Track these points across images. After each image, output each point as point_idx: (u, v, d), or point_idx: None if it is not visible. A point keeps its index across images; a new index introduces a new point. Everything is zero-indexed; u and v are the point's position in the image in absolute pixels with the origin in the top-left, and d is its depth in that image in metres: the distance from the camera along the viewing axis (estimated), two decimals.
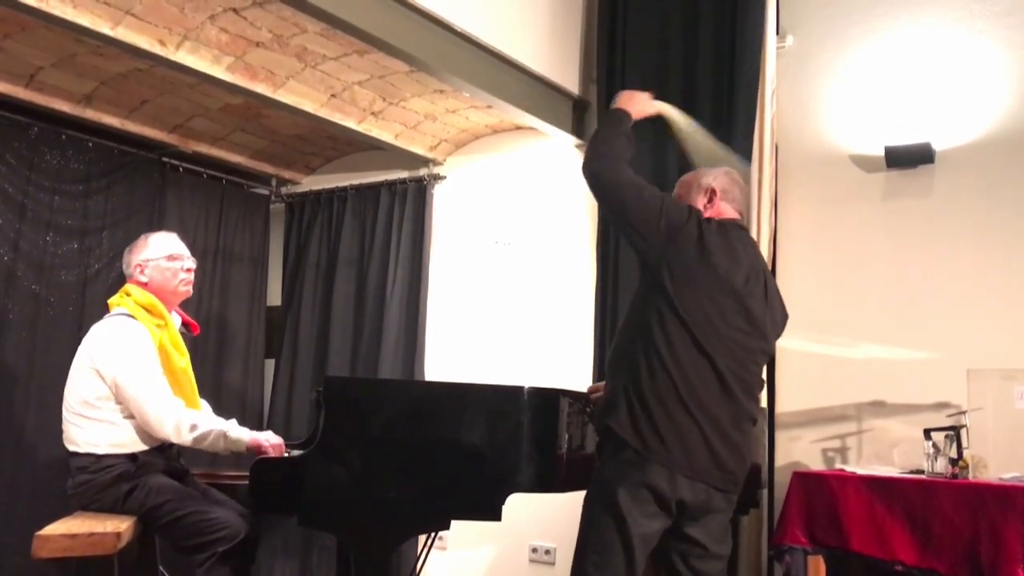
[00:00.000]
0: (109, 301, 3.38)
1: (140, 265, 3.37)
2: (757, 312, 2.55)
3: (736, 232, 2.60)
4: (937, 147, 3.83)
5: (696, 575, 2.55)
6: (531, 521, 4.34)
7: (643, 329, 2.51)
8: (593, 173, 2.60)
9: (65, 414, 3.19)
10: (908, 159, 3.85)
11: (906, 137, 3.85)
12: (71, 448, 3.14)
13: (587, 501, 2.57)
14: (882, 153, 3.89)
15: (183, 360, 3.34)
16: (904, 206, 3.91)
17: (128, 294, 3.32)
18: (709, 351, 2.45)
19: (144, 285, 3.34)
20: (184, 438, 3.10)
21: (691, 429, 2.43)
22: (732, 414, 2.49)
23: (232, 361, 5.54)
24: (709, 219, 2.56)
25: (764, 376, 2.73)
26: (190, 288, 3.47)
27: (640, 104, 2.79)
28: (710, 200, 2.67)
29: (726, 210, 2.67)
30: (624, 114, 2.73)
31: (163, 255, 3.39)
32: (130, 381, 3.09)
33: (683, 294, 2.46)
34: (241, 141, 5.29)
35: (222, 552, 3.04)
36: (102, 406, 3.11)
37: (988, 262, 3.70)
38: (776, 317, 2.68)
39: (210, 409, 3.50)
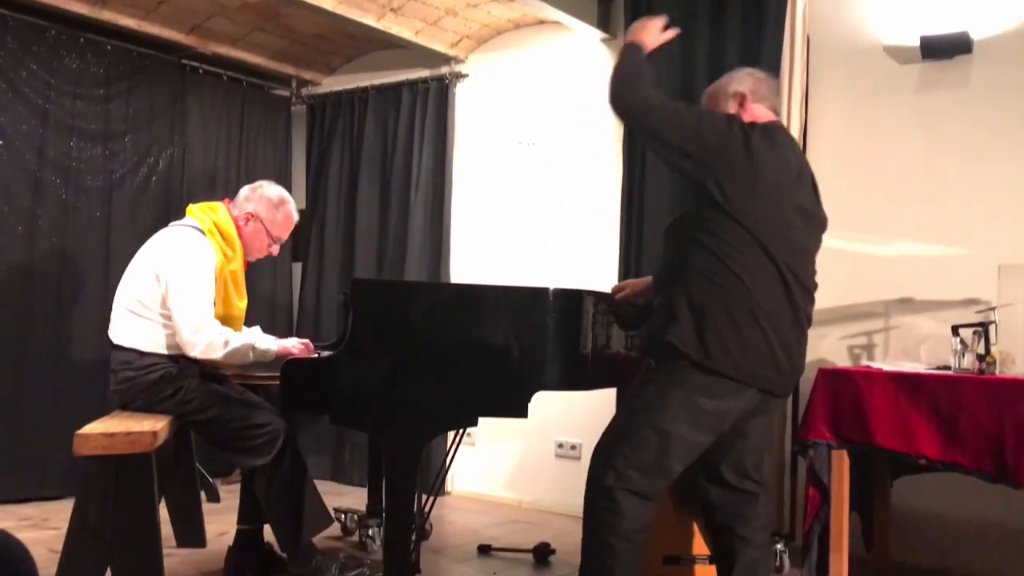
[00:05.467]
0: (192, 206, 3.32)
1: (251, 216, 3.32)
2: (811, 208, 2.56)
3: (780, 134, 2.57)
4: (975, 36, 3.69)
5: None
6: (557, 418, 4.42)
7: (701, 242, 2.46)
8: (622, 103, 2.51)
9: (117, 308, 3.19)
10: (944, 49, 3.73)
11: (942, 26, 3.72)
12: (116, 341, 3.16)
13: (634, 399, 2.54)
14: (917, 43, 3.76)
15: (242, 302, 3.32)
16: (939, 99, 3.80)
17: (215, 211, 3.27)
18: (773, 254, 2.42)
19: (237, 225, 3.30)
20: (216, 355, 3.11)
21: (757, 338, 2.41)
22: (792, 317, 2.49)
23: (259, 265, 5.55)
24: (752, 124, 2.51)
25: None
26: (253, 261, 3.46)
27: (653, 34, 2.65)
28: (741, 105, 2.61)
29: (761, 112, 2.61)
30: (638, 46, 2.60)
31: (276, 230, 3.37)
32: (179, 292, 3.08)
33: (742, 203, 2.41)
34: (260, 41, 5.22)
35: (275, 456, 3.09)
36: (155, 307, 3.12)
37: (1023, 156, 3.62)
38: (822, 214, 2.66)
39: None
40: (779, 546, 3.63)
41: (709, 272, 2.43)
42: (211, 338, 3.09)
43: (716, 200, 2.42)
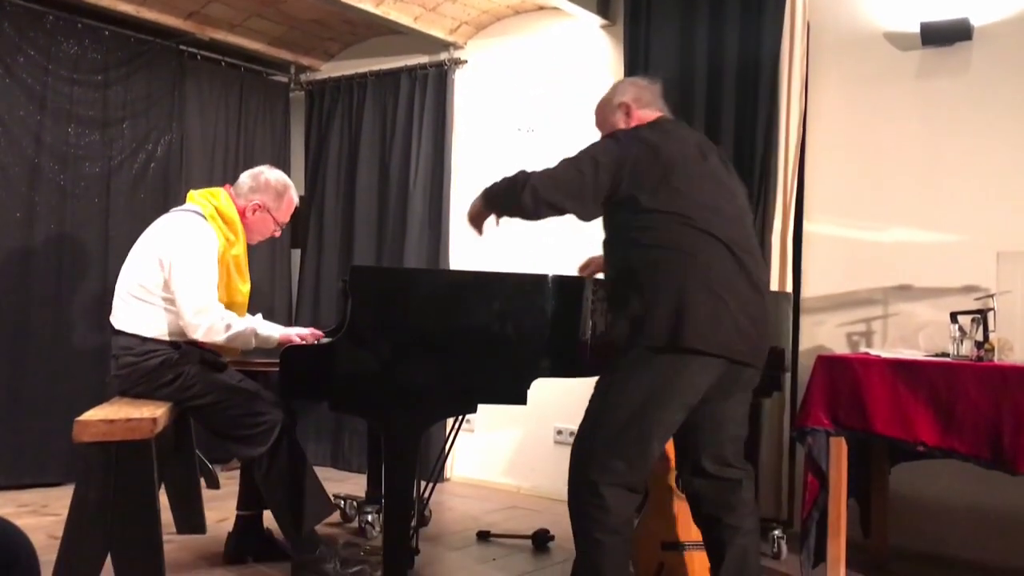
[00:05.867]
0: (193, 192, 3.31)
1: (258, 206, 3.32)
2: (725, 179, 2.63)
3: (669, 123, 2.71)
4: (975, 22, 3.68)
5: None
6: (556, 404, 4.41)
7: (639, 242, 2.51)
8: (522, 205, 2.58)
9: (119, 294, 3.19)
10: (945, 36, 3.72)
11: (943, 12, 3.71)
12: (117, 326, 3.15)
13: (609, 384, 2.55)
14: (917, 30, 3.75)
15: (245, 286, 3.33)
16: (939, 85, 3.79)
17: (216, 197, 3.26)
18: (711, 230, 2.47)
19: (240, 211, 3.30)
20: (218, 338, 3.11)
21: (718, 308, 2.43)
22: (749, 284, 2.52)
23: (258, 252, 5.57)
24: (637, 126, 2.66)
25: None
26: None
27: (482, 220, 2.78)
28: (628, 114, 2.75)
29: (647, 115, 2.74)
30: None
31: (281, 217, 3.39)
32: (181, 275, 3.08)
33: (664, 194, 2.48)
34: (258, 27, 5.20)
35: (272, 446, 3.09)
36: (157, 292, 3.11)
37: (1023, 142, 3.61)
38: (739, 183, 2.73)
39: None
40: (777, 532, 3.65)
41: (656, 264, 2.48)
42: (213, 321, 3.09)
43: (640, 202, 2.50)
